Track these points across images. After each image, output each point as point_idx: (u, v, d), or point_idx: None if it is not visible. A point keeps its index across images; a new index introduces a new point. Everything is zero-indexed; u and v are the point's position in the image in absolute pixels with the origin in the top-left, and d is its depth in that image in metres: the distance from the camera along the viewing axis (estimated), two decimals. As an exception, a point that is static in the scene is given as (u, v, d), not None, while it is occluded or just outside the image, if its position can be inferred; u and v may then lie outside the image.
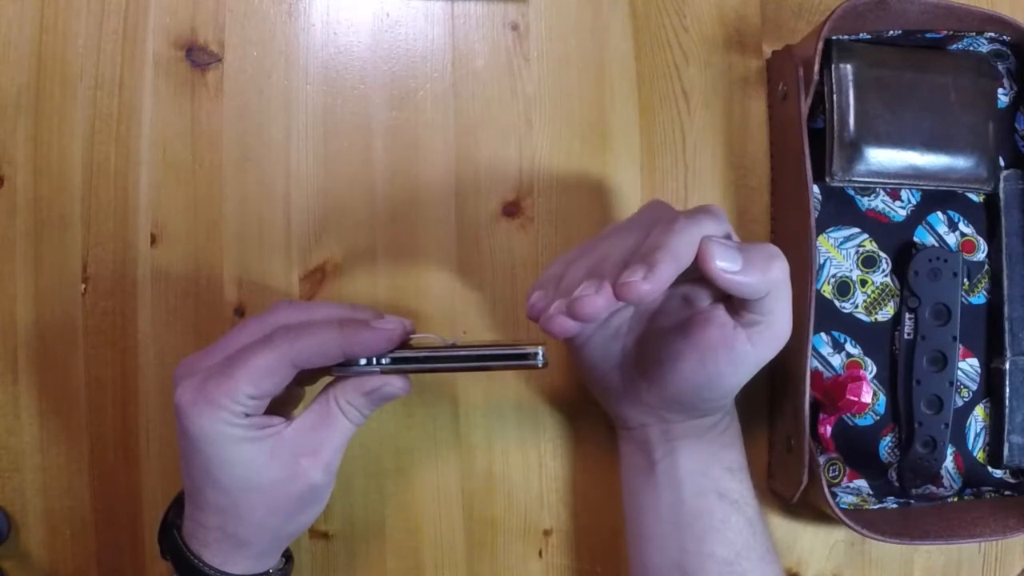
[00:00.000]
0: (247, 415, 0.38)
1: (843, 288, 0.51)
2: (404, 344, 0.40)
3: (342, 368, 0.39)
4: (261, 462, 0.38)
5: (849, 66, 0.47)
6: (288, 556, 0.44)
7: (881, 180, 0.49)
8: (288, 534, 0.42)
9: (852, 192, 0.51)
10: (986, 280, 0.52)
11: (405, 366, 0.40)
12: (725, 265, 0.35)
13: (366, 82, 0.50)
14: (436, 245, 0.50)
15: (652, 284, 0.33)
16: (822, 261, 0.50)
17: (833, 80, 0.47)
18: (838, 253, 0.51)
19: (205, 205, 0.49)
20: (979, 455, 0.51)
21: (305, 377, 0.41)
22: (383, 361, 0.39)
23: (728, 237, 0.38)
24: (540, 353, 0.39)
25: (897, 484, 0.51)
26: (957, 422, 0.51)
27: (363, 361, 0.39)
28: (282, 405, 0.43)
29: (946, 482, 0.51)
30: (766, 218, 0.51)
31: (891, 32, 0.49)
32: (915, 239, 0.51)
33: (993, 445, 0.51)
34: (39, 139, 0.48)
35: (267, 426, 0.39)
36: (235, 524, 0.39)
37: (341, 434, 0.40)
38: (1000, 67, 0.51)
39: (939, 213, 0.51)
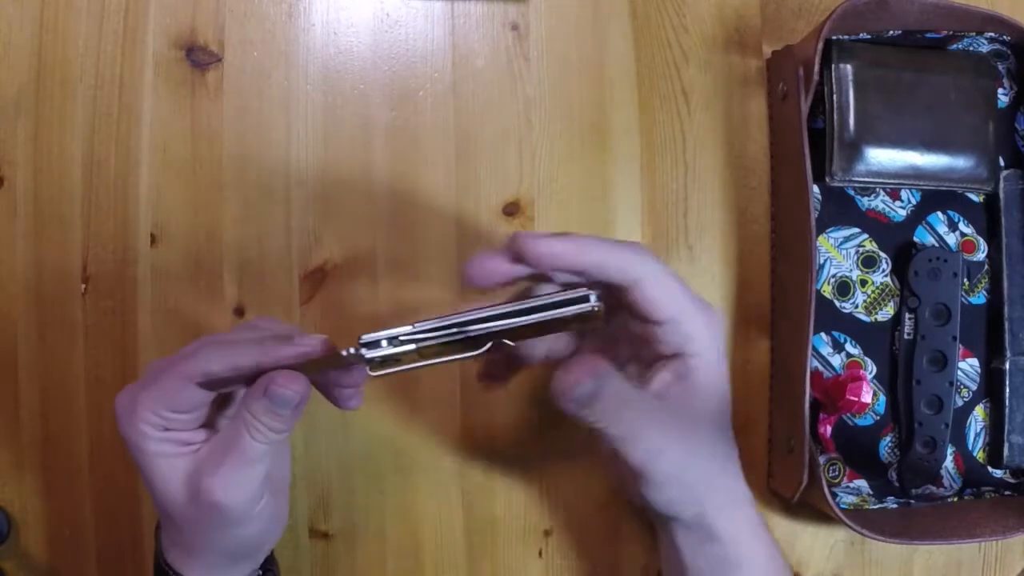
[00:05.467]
0: (166, 429, 0.37)
1: (843, 288, 0.51)
2: (340, 358, 0.35)
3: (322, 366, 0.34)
4: (173, 479, 0.37)
5: (849, 66, 0.47)
6: (268, 568, 0.43)
7: (881, 180, 0.49)
8: (232, 551, 0.40)
9: (852, 192, 0.51)
10: (986, 280, 0.52)
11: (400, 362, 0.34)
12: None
13: (366, 82, 0.50)
14: (436, 245, 0.50)
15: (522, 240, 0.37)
16: (822, 261, 0.50)
17: (833, 80, 0.47)
18: (838, 253, 0.51)
19: (205, 205, 0.49)
20: (979, 455, 0.51)
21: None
22: (366, 355, 0.34)
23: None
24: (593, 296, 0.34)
25: (897, 484, 0.51)
26: (957, 422, 0.51)
27: (352, 350, 0.34)
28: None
29: (946, 482, 0.51)
30: (766, 218, 0.51)
31: (891, 32, 0.49)
32: (915, 239, 0.51)
33: (993, 445, 0.51)
34: (39, 139, 0.48)
35: (186, 443, 0.37)
36: (176, 533, 0.39)
37: (244, 452, 0.37)
38: (1000, 67, 0.51)
39: (939, 213, 0.51)
